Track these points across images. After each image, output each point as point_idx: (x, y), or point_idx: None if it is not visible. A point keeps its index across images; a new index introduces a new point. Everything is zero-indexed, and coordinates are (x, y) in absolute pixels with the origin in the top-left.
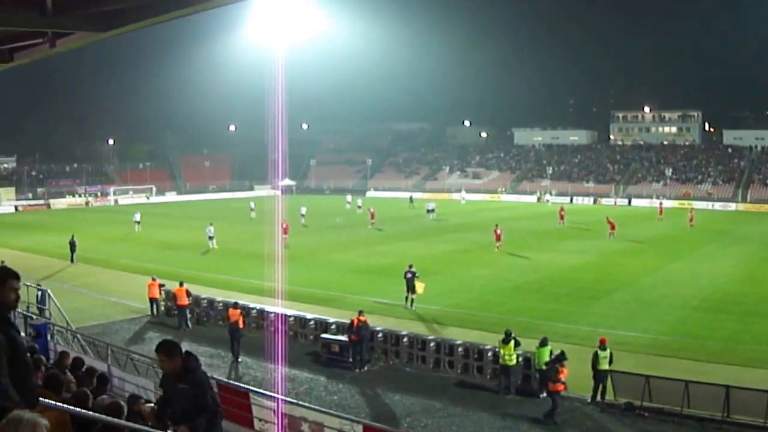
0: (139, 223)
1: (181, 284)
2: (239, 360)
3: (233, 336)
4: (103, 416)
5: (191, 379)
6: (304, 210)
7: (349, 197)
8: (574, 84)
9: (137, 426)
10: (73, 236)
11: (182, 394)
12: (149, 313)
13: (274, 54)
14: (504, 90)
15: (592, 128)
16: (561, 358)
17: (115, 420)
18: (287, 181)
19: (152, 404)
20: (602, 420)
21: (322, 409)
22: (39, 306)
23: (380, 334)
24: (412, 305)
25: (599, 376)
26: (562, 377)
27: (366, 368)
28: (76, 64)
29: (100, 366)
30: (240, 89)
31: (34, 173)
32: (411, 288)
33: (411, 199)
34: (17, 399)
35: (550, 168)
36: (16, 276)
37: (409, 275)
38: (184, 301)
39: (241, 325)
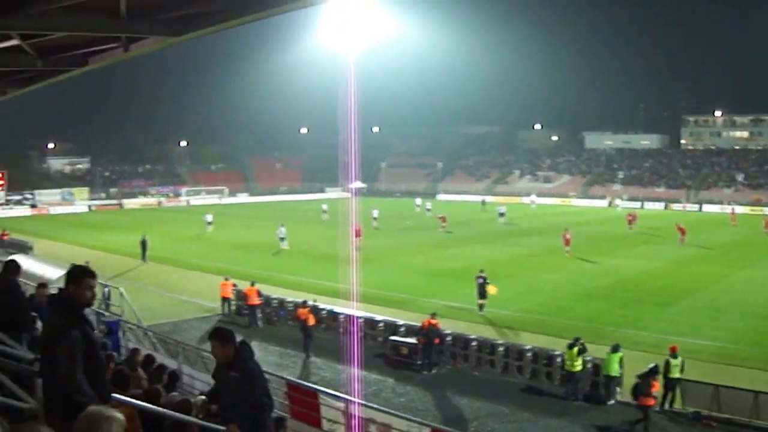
0: (211, 223)
1: (252, 284)
2: (309, 357)
3: (304, 333)
4: (174, 413)
5: (242, 368)
6: (376, 213)
7: (418, 200)
8: (645, 87)
9: (206, 423)
10: (144, 236)
11: (232, 383)
12: (220, 312)
13: (345, 57)
14: (575, 93)
15: (663, 132)
16: (654, 371)
17: (185, 417)
18: (358, 184)
19: (203, 396)
20: (670, 429)
21: (390, 411)
22: (106, 302)
23: (449, 338)
24: (481, 310)
25: (670, 384)
26: (654, 391)
27: (434, 371)
28: (149, 66)
29: (171, 363)
30: (311, 92)
31: (107, 174)
32: (482, 293)
33: (483, 203)
34: (92, 394)
35: (621, 172)
36: (92, 275)
37: (480, 280)
38: (255, 300)
39: (311, 323)
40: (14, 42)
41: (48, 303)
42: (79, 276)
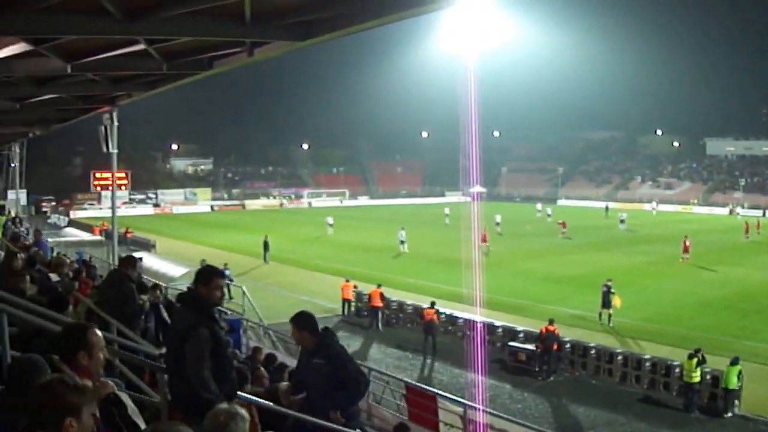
0: (331, 225)
1: (378, 286)
2: (433, 356)
3: (427, 334)
4: (294, 412)
5: (326, 353)
6: (498, 218)
7: (539, 205)
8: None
9: (326, 423)
10: (266, 236)
11: (317, 369)
12: (340, 313)
13: (466, 61)
14: (696, 98)
15: None
16: None
17: (306, 416)
18: (478, 188)
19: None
20: None
21: (508, 417)
22: None
23: (568, 345)
24: (609, 321)
25: None
26: None
27: (552, 378)
28: (272, 68)
29: (291, 362)
30: (432, 96)
31: (229, 175)
32: (606, 303)
33: (607, 209)
34: (217, 392)
35: (743, 180)
36: (222, 275)
37: (604, 289)
38: (378, 302)
39: (434, 323)
40: (140, 46)
41: (177, 301)
42: (209, 276)
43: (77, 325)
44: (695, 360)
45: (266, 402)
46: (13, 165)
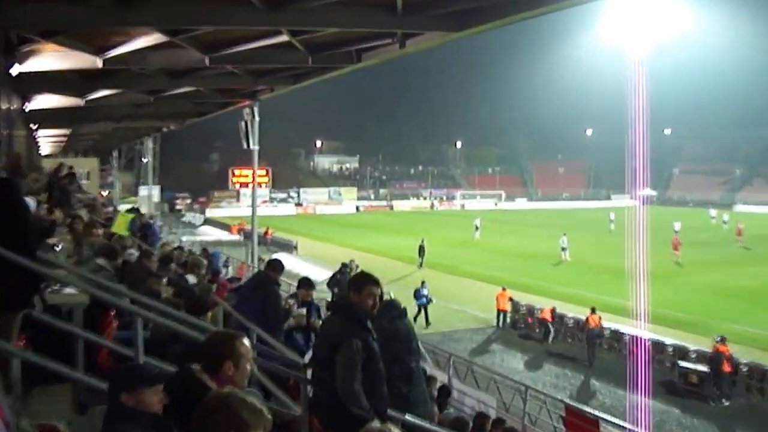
0: (478, 228)
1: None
2: (592, 366)
3: (589, 343)
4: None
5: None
6: (678, 226)
7: (712, 211)
8: None
9: None
10: (423, 240)
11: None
12: (494, 324)
13: (634, 53)
14: None
15: None
16: None
17: None
18: (647, 191)
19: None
20: None
21: None
22: None
23: (745, 368)
24: None
25: None
26: None
27: (726, 403)
28: (422, 61)
29: (440, 376)
30: (597, 91)
31: (377, 174)
32: None
33: None
34: (368, 407)
35: None
36: (376, 282)
37: None
38: (547, 316)
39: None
40: (284, 38)
41: (327, 309)
42: (362, 283)
43: (225, 333)
44: None
45: (423, 422)
46: (145, 160)
